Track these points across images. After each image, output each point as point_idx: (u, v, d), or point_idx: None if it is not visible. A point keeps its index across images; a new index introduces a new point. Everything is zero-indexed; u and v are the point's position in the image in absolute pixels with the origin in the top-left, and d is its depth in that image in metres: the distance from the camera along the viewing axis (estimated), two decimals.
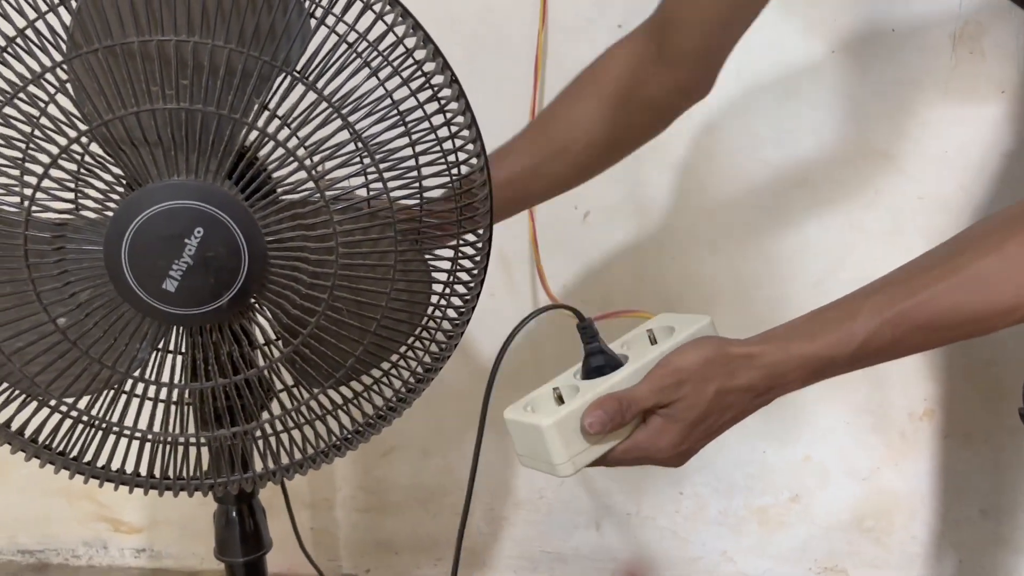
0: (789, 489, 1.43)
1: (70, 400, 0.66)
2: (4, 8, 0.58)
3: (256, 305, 0.67)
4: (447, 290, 0.73)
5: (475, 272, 0.74)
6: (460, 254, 0.73)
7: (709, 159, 0.92)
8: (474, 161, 0.69)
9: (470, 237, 0.73)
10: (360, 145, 0.63)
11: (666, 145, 0.92)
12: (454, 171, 0.68)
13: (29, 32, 0.58)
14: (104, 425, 0.67)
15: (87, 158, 0.61)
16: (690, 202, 1.29)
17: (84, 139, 0.60)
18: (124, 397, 0.67)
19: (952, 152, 1.23)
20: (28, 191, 0.59)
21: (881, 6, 1.18)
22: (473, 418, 0.73)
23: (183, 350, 0.68)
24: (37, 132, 0.59)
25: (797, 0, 0.80)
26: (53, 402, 0.65)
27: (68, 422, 0.67)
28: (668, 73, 0.88)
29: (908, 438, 1.37)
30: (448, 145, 0.67)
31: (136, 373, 0.66)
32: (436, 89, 0.66)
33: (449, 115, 0.67)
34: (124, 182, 0.63)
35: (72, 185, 0.62)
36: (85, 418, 0.67)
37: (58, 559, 1.66)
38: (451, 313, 0.74)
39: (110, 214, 0.61)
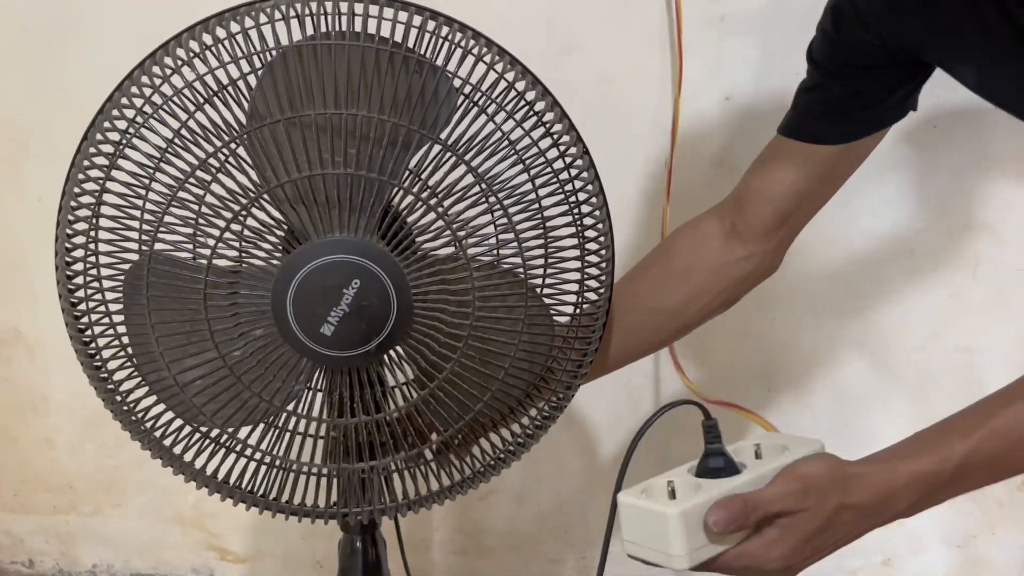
0: (881, 553, 1.43)
1: (230, 430, 0.73)
2: (188, 95, 0.66)
3: (399, 351, 0.73)
4: (570, 334, 0.79)
5: (594, 327, 0.80)
6: (584, 295, 0.78)
7: (811, 224, 0.97)
8: (597, 213, 0.76)
9: (591, 296, 0.78)
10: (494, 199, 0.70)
11: None
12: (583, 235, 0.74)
13: (215, 106, 0.67)
14: (265, 457, 0.74)
15: (260, 214, 0.69)
16: (791, 265, 1.31)
17: (260, 199, 0.68)
18: (274, 430, 0.74)
19: None
20: (211, 241, 0.67)
21: None
22: (567, 468, 0.76)
23: (330, 388, 0.74)
24: (222, 191, 0.67)
25: None
26: (215, 432, 0.73)
27: (222, 451, 0.75)
28: (740, 247, 0.91)
29: (1006, 507, 1.36)
30: (577, 208, 0.74)
31: (289, 408, 0.73)
32: (570, 160, 0.73)
33: (579, 183, 0.74)
34: (287, 233, 0.71)
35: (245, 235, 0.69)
36: (239, 447, 0.74)
37: None
38: (570, 365, 0.80)
39: (276, 263, 0.69)
